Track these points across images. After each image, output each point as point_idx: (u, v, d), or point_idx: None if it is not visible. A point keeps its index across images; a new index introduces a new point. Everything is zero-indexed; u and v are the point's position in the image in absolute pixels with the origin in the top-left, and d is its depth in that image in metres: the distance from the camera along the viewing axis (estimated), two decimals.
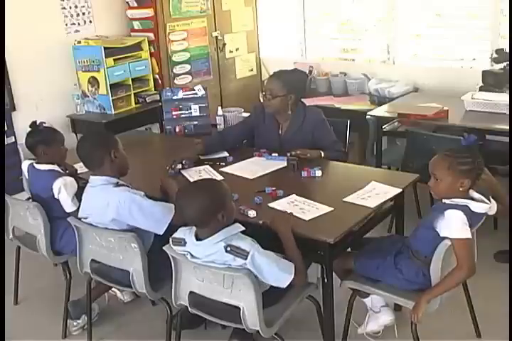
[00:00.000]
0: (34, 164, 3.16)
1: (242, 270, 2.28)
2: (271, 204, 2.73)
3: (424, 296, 2.44)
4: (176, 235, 2.43)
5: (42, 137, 3.12)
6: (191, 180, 3.12)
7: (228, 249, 2.26)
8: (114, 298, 3.38)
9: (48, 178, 3.05)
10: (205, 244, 2.31)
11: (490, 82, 4.16)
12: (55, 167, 3.12)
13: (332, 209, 2.66)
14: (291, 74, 3.36)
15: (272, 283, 2.35)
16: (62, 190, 3.01)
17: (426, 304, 2.43)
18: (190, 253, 2.36)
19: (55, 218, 3.08)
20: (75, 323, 3.15)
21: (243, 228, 2.35)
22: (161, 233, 2.65)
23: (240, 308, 2.35)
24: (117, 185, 2.70)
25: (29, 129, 3.17)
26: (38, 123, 3.16)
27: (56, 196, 3.03)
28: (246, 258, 2.25)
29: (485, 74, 4.26)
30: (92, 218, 2.75)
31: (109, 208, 2.64)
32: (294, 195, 2.80)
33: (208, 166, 3.28)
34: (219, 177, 3.13)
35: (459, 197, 2.43)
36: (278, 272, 2.30)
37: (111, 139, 2.79)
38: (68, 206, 3.03)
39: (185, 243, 2.38)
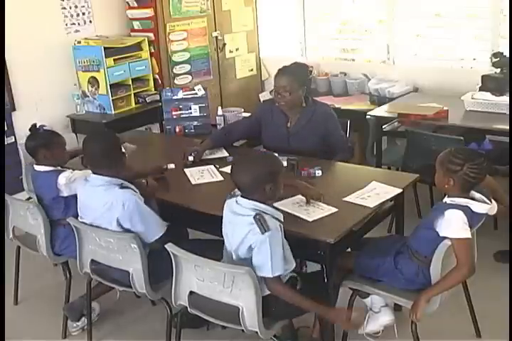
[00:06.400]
0: (34, 166, 3.13)
1: (244, 267, 2.28)
2: (275, 205, 2.71)
3: (423, 295, 2.45)
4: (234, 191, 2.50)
5: (42, 141, 3.07)
6: (192, 179, 3.13)
7: (257, 217, 2.29)
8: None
9: (49, 178, 3.02)
10: (244, 203, 2.36)
11: (490, 86, 4.10)
12: (54, 168, 3.08)
13: (337, 209, 2.67)
14: (296, 68, 3.41)
15: (254, 267, 2.34)
16: (71, 178, 2.96)
17: (425, 303, 2.44)
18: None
19: (56, 223, 3.07)
20: (74, 325, 3.15)
21: (281, 218, 2.40)
22: (150, 241, 2.69)
23: (239, 308, 2.35)
24: (122, 186, 2.69)
25: (29, 132, 3.14)
26: (38, 126, 3.11)
27: (65, 191, 2.98)
28: (262, 234, 2.26)
29: (484, 78, 4.21)
30: (94, 219, 2.75)
31: (114, 209, 2.65)
32: (299, 196, 2.79)
33: (212, 166, 3.29)
34: (220, 178, 3.14)
35: (460, 197, 2.43)
36: (263, 265, 2.30)
37: (119, 140, 2.82)
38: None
39: (232, 197, 2.45)
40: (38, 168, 3.10)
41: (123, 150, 2.85)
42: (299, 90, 3.32)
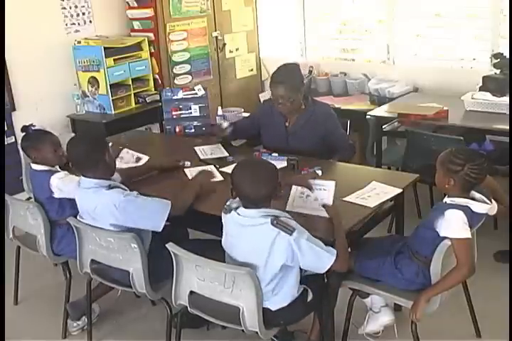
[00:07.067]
0: (31, 164, 3.12)
1: (245, 268, 2.28)
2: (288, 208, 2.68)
3: (423, 295, 2.45)
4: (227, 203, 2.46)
5: (30, 141, 3.06)
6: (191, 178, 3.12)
7: (275, 222, 2.25)
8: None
9: (43, 178, 3.01)
10: (251, 213, 2.32)
11: (491, 87, 4.09)
12: (51, 168, 3.07)
13: (334, 181, 2.64)
14: (290, 74, 3.37)
15: (309, 269, 2.35)
16: (64, 181, 2.94)
17: (425, 303, 2.44)
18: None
19: (53, 222, 3.06)
20: (74, 324, 3.15)
21: (288, 215, 2.38)
22: (160, 230, 2.66)
23: (239, 309, 2.35)
24: (109, 187, 2.68)
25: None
26: (28, 126, 3.08)
27: (57, 193, 2.99)
28: (291, 234, 2.24)
29: (485, 79, 4.20)
30: (89, 221, 2.75)
31: (105, 212, 2.65)
32: (298, 188, 2.74)
33: (211, 166, 3.28)
34: (219, 178, 3.14)
35: (460, 197, 2.43)
36: (320, 256, 2.30)
37: (104, 142, 2.79)
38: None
39: (230, 210, 2.40)
40: (34, 166, 3.09)
41: (112, 151, 2.83)
42: (298, 95, 3.31)
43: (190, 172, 3.22)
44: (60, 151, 3.10)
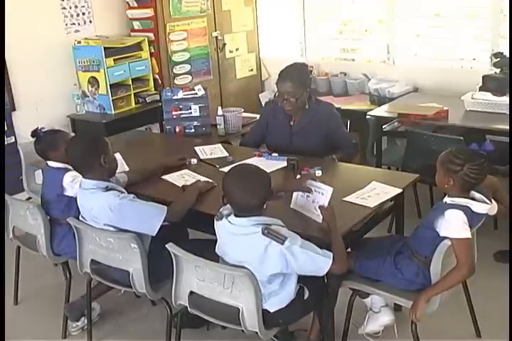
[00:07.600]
0: (47, 161, 3.10)
1: (243, 269, 2.28)
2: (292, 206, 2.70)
3: (423, 295, 2.45)
4: (220, 210, 2.43)
5: (45, 143, 3.06)
6: (176, 183, 3.08)
7: (266, 232, 2.23)
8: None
9: (57, 175, 3.00)
10: (242, 222, 2.30)
11: (491, 86, 4.09)
12: (68, 165, 3.03)
13: (331, 188, 2.57)
14: (297, 71, 3.40)
15: (307, 273, 2.34)
16: (75, 180, 2.93)
17: (425, 303, 2.44)
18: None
19: (54, 221, 3.06)
20: (74, 325, 3.15)
21: (281, 222, 2.35)
22: (154, 234, 2.66)
23: (239, 309, 2.35)
24: (107, 189, 2.68)
25: (29, 134, 3.12)
26: (37, 130, 3.08)
27: (69, 191, 2.97)
28: (283, 243, 2.22)
29: (485, 79, 4.19)
30: (90, 221, 2.75)
31: (101, 214, 2.65)
32: (299, 193, 2.73)
33: (187, 170, 3.24)
34: (203, 178, 3.10)
35: (460, 197, 2.43)
36: (316, 261, 2.28)
37: (101, 144, 2.75)
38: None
39: (221, 218, 2.37)
40: (50, 163, 3.08)
41: (112, 154, 2.82)
42: (303, 94, 3.34)
43: (171, 177, 3.16)
44: None
